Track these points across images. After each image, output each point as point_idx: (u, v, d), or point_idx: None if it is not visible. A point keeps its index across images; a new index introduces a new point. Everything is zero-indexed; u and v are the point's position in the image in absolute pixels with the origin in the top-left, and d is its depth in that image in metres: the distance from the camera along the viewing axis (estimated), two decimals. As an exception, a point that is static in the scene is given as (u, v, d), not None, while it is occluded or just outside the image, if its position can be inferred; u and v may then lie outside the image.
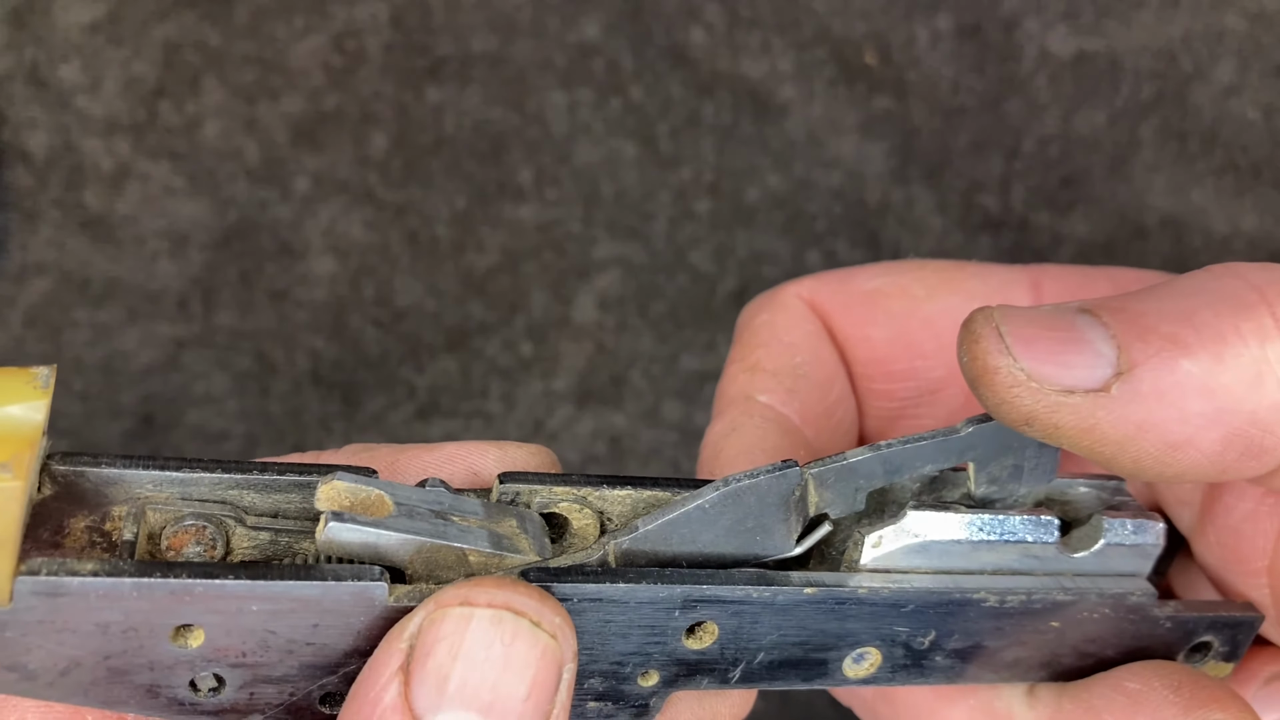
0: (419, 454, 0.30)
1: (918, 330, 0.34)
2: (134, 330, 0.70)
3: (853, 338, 0.35)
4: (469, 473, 0.30)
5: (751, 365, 0.36)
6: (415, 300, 0.70)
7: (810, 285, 0.36)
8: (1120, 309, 0.26)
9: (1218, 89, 0.71)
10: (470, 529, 0.27)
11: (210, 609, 0.24)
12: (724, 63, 0.71)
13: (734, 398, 0.36)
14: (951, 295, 0.34)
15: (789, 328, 0.36)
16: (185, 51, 0.70)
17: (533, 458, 0.31)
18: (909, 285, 0.35)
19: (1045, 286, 0.34)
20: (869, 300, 0.35)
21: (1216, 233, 0.71)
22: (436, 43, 0.71)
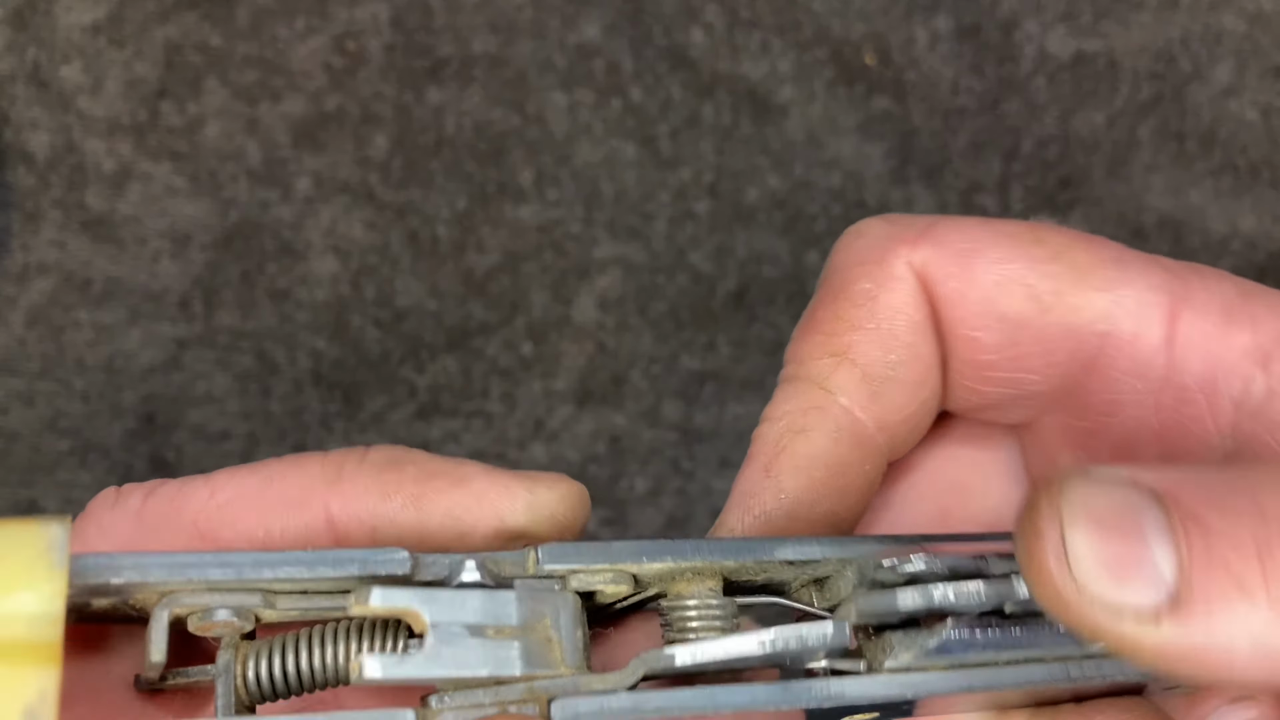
0: (447, 491, 0.29)
1: (1030, 344, 0.31)
2: (135, 330, 0.70)
3: (960, 335, 0.31)
4: (495, 519, 0.29)
5: (840, 350, 0.32)
6: (416, 300, 0.70)
7: (926, 255, 0.31)
8: (1196, 518, 0.24)
9: (1216, 90, 0.71)
10: (503, 643, 0.27)
11: None
12: (724, 64, 0.71)
13: (811, 381, 0.32)
14: (1071, 312, 0.30)
15: (894, 312, 0.31)
16: (187, 52, 0.70)
17: (563, 503, 0.30)
18: (1036, 284, 0.30)
19: (1183, 316, 0.30)
20: (989, 296, 0.31)
21: (1215, 232, 0.71)
22: (437, 44, 0.71)
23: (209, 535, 0.28)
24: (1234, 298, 0.30)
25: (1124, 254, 0.31)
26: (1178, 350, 0.30)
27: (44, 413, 0.69)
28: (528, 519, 0.29)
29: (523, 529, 0.29)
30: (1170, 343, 0.30)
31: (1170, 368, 0.30)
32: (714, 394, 0.71)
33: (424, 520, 0.29)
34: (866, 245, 0.32)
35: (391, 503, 0.28)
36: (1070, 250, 0.30)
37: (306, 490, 0.29)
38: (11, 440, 0.69)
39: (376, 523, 0.28)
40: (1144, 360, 0.30)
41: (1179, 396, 0.30)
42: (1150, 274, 0.30)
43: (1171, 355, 0.30)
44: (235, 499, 0.29)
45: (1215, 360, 0.30)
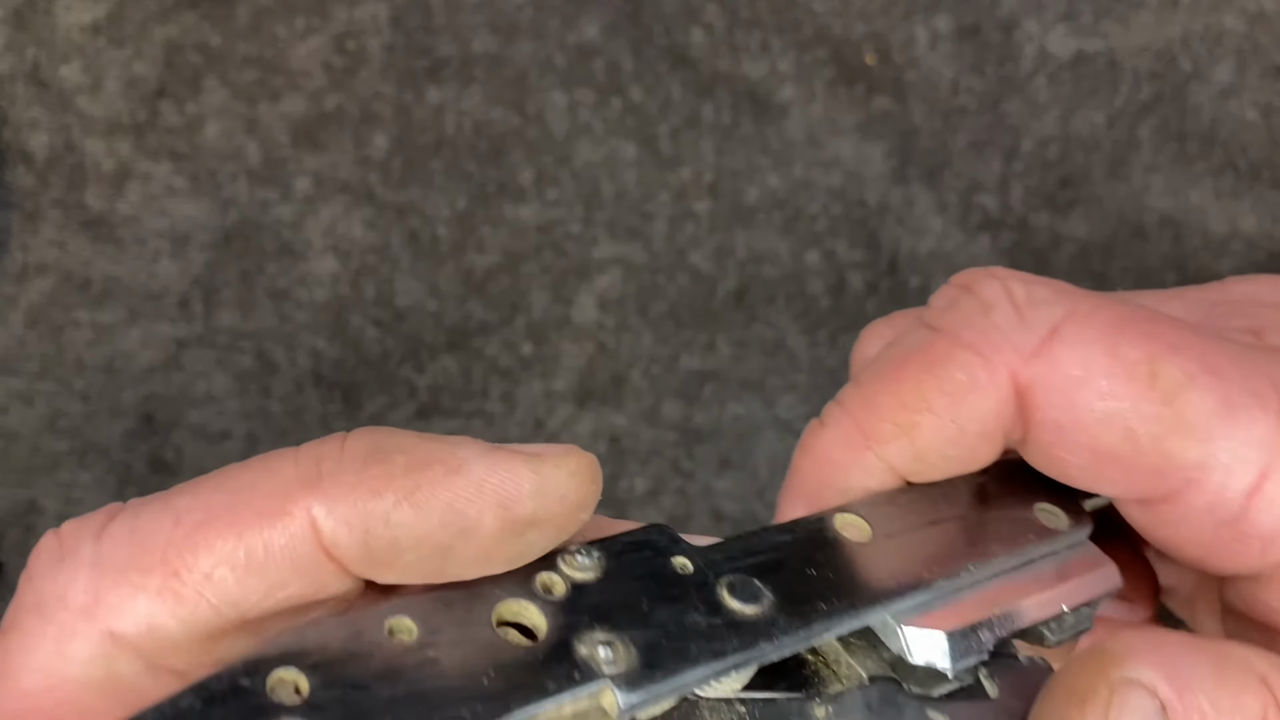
0: (443, 481, 0.26)
1: (1115, 471, 0.31)
2: (135, 330, 0.70)
3: (1047, 453, 0.32)
4: (500, 509, 0.26)
5: (906, 425, 0.31)
6: (416, 300, 0.70)
7: (1035, 375, 0.31)
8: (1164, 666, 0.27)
9: (1217, 89, 0.71)
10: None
11: None
12: (724, 63, 0.71)
13: (867, 435, 0.32)
14: (1164, 458, 0.31)
15: (975, 418, 0.31)
16: (186, 52, 0.70)
17: (573, 480, 0.28)
18: (1137, 427, 0.30)
19: (1273, 476, 0.31)
20: (1087, 430, 0.31)
21: (1215, 233, 0.71)
22: (437, 43, 0.71)
23: (183, 570, 0.25)
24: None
25: (1238, 397, 0.31)
26: (1255, 504, 0.31)
27: (43, 412, 0.69)
28: (535, 506, 0.27)
29: (529, 514, 0.26)
30: (1251, 496, 0.31)
31: (1242, 518, 0.31)
32: (714, 394, 0.71)
33: (420, 522, 0.25)
34: (979, 329, 0.32)
35: (382, 501, 0.25)
36: (1183, 394, 0.30)
37: (282, 497, 0.25)
38: (11, 440, 0.69)
39: (368, 525, 0.25)
40: (1220, 506, 0.31)
41: (1238, 536, 0.31)
42: (1258, 424, 0.31)
43: (1248, 507, 0.31)
44: (204, 521, 0.25)
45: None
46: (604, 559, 0.28)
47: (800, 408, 0.70)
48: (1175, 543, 0.33)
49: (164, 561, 0.25)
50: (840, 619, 0.29)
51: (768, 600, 0.28)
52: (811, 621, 0.28)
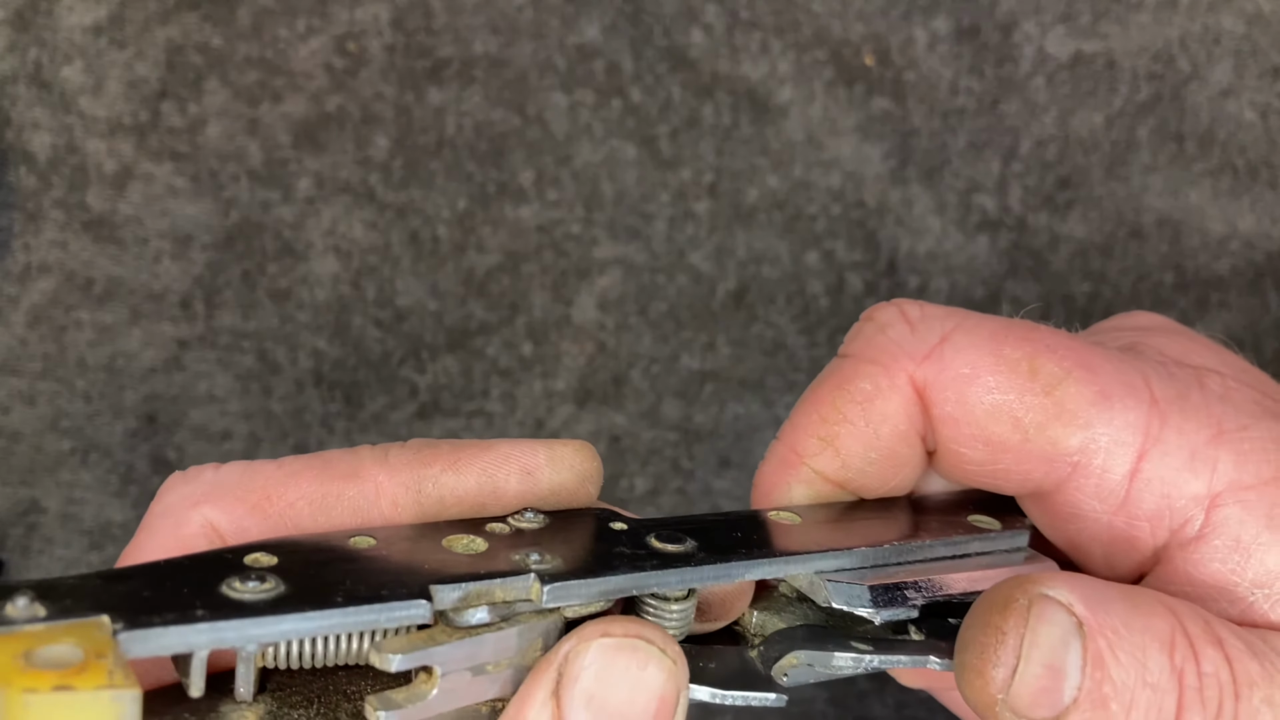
0: (478, 455, 0.33)
1: (1009, 462, 0.35)
2: (137, 330, 0.70)
3: (948, 447, 0.35)
4: (523, 473, 0.33)
5: (828, 437, 0.36)
6: (416, 300, 0.70)
7: (928, 374, 0.34)
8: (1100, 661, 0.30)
9: (1215, 90, 0.71)
10: (499, 674, 0.30)
11: None
12: (723, 64, 0.71)
13: (798, 452, 0.36)
14: (1049, 444, 0.34)
15: (883, 418, 0.35)
16: (188, 53, 0.71)
17: (578, 454, 0.34)
18: (1023, 416, 0.34)
19: (1149, 457, 0.34)
20: (978, 421, 0.34)
21: (1214, 233, 0.71)
22: (438, 44, 0.71)
23: (275, 496, 0.31)
24: (1204, 442, 0.34)
25: (1113, 388, 0.34)
26: (1136, 485, 0.34)
27: (45, 412, 0.69)
28: (551, 472, 0.33)
29: (548, 481, 0.33)
30: (1132, 477, 0.34)
31: (1127, 499, 0.34)
32: (714, 394, 0.71)
33: (460, 482, 0.32)
34: (878, 345, 0.36)
35: (431, 468, 0.32)
36: (1062, 384, 0.34)
37: (358, 466, 0.32)
38: (13, 440, 0.69)
39: (420, 485, 0.32)
40: (1106, 490, 0.34)
41: (1128, 520, 0.34)
42: (1131, 411, 0.34)
43: (1130, 489, 0.34)
44: (299, 471, 0.32)
45: (1166, 501, 0.34)
46: (548, 519, 0.33)
47: (800, 407, 0.70)
48: (1079, 542, 0.36)
49: (263, 488, 0.32)
50: (759, 563, 0.32)
51: (690, 543, 0.32)
52: (730, 559, 0.32)
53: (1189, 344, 0.37)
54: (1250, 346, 0.71)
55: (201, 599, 0.26)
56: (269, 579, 0.27)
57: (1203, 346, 0.38)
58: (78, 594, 0.25)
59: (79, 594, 0.25)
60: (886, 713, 0.69)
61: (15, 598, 0.23)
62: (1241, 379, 0.36)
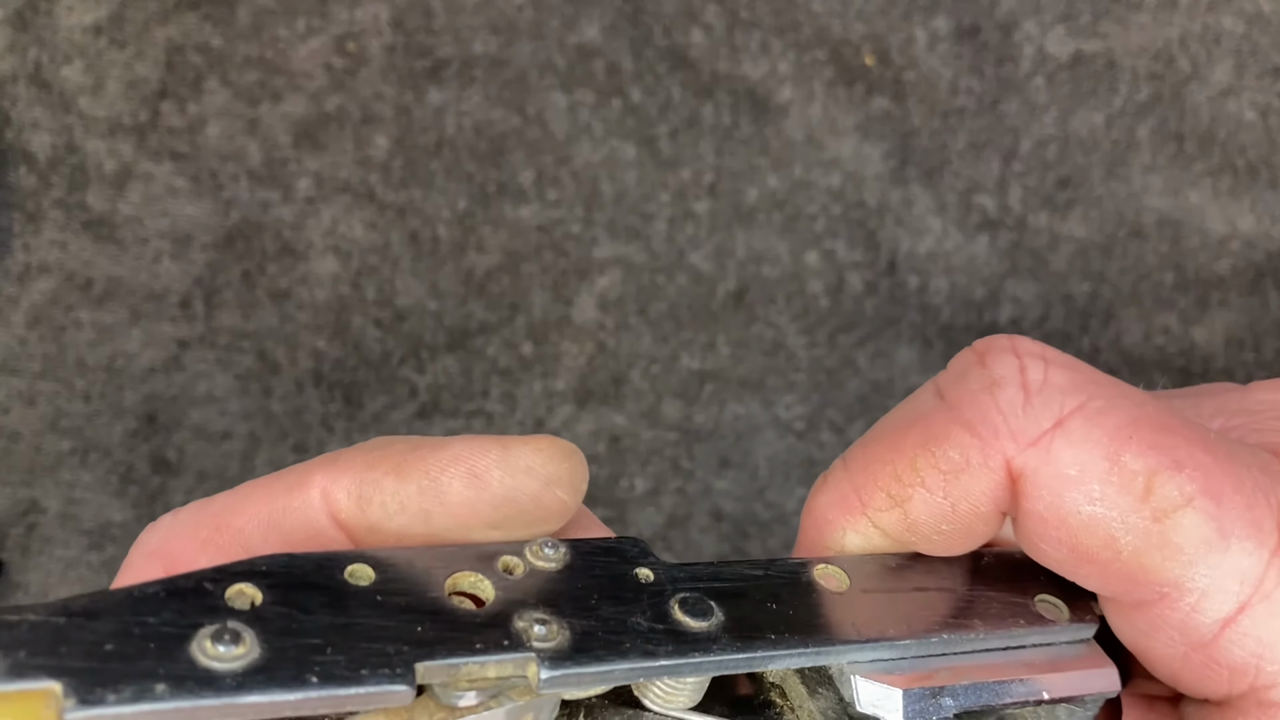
0: (426, 456, 0.30)
1: (1090, 570, 0.31)
2: (136, 330, 0.70)
3: (1030, 541, 0.33)
4: (468, 476, 0.30)
5: (900, 498, 0.32)
6: (416, 300, 0.70)
7: (1030, 464, 0.31)
8: None
9: (1215, 90, 0.71)
10: None
11: None
12: (723, 64, 0.71)
13: (863, 502, 0.33)
14: (1141, 570, 0.31)
15: (967, 496, 0.32)
16: (188, 53, 0.71)
17: (538, 455, 0.31)
18: (1120, 537, 0.31)
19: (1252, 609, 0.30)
20: (1071, 528, 0.31)
21: (1214, 232, 0.71)
22: (438, 44, 0.71)
23: (222, 527, 0.30)
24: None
25: (1235, 526, 0.30)
26: (1227, 634, 0.30)
27: (45, 412, 0.69)
28: (502, 475, 0.30)
29: (500, 486, 0.30)
30: (1224, 625, 0.30)
31: (1213, 644, 0.31)
32: (714, 394, 0.71)
33: (402, 488, 0.29)
34: (981, 410, 0.32)
35: (374, 471, 0.30)
36: (1176, 514, 0.30)
37: (305, 473, 0.30)
38: (13, 440, 0.69)
39: (362, 491, 0.29)
40: (1191, 629, 0.31)
41: (1207, 661, 0.31)
42: (1249, 558, 0.30)
43: (1219, 635, 0.30)
44: (251, 490, 0.31)
45: (1257, 661, 0.30)
46: (570, 554, 0.30)
47: (799, 407, 0.70)
48: (1148, 652, 0.32)
49: (212, 520, 0.31)
50: (786, 652, 0.29)
51: (716, 620, 0.29)
52: (754, 647, 0.29)
53: None
54: (1250, 346, 0.71)
55: (167, 663, 0.24)
56: (244, 638, 0.25)
57: None
58: (36, 639, 0.23)
59: (37, 640, 0.23)
60: (886, 713, 0.69)
61: None
62: None
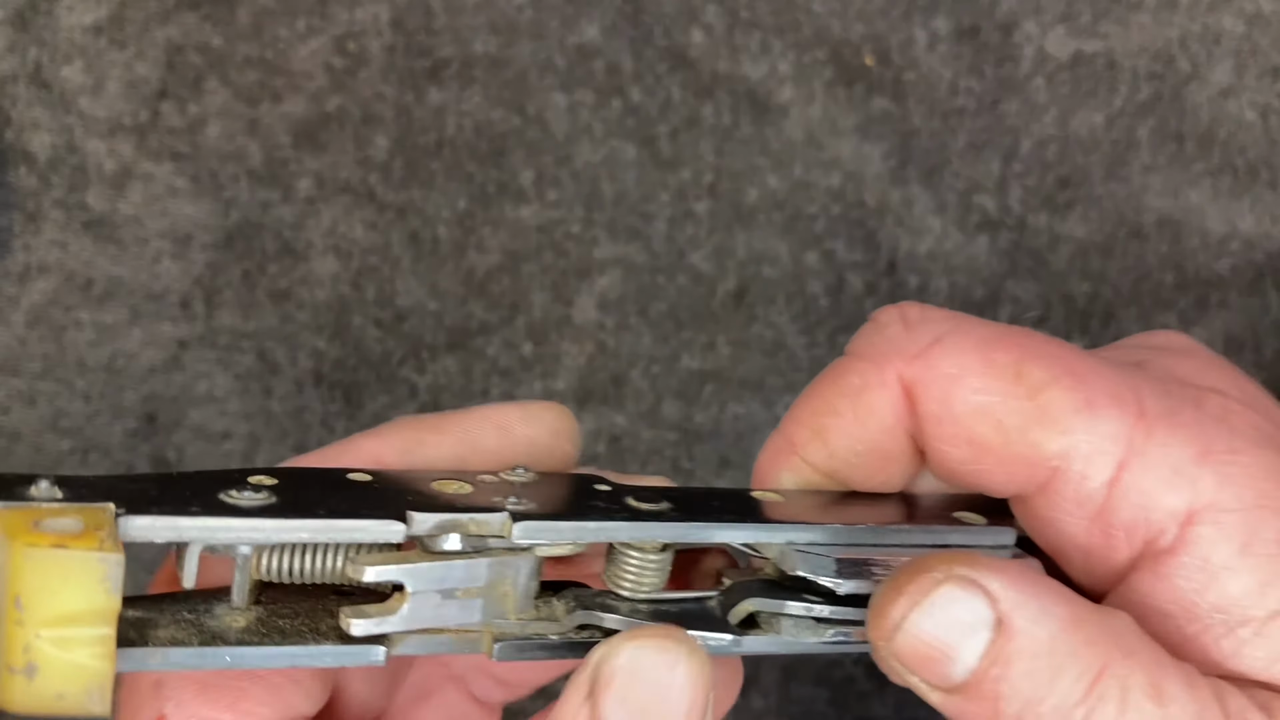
0: (460, 416, 0.36)
1: (991, 463, 0.35)
2: (136, 330, 0.70)
3: (933, 446, 0.36)
4: (498, 428, 0.36)
5: (818, 429, 0.37)
6: (417, 300, 0.70)
7: (916, 373, 0.36)
8: (1008, 663, 0.30)
9: (1215, 90, 0.71)
10: (469, 602, 0.32)
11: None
12: (723, 64, 0.71)
13: (791, 441, 0.38)
14: (1030, 448, 0.35)
15: (873, 413, 0.37)
16: (188, 53, 0.71)
17: (549, 412, 0.37)
18: (1005, 419, 0.35)
19: (1130, 468, 0.34)
20: (961, 422, 0.35)
21: (1214, 233, 0.71)
22: (438, 44, 0.71)
23: None
24: (1190, 460, 0.34)
25: (1099, 397, 0.35)
26: (1114, 494, 0.34)
27: (45, 413, 0.69)
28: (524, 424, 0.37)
29: (523, 435, 0.36)
30: (1111, 486, 0.34)
31: (1105, 507, 0.35)
32: (714, 394, 0.71)
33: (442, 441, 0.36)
34: (874, 344, 0.37)
35: (416, 432, 0.36)
36: (1046, 390, 0.35)
37: (352, 441, 0.36)
38: (13, 440, 0.69)
39: (406, 446, 0.36)
40: (1084, 495, 0.35)
41: (1105, 529, 0.35)
42: (1115, 422, 0.34)
43: (1109, 497, 0.34)
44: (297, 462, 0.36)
45: (1144, 513, 0.34)
46: (537, 476, 0.35)
47: (800, 407, 0.70)
48: (1059, 546, 0.36)
49: None
50: (730, 526, 0.34)
51: (667, 505, 0.34)
52: (702, 519, 0.34)
53: (1202, 365, 0.38)
54: (1250, 346, 0.71)
55: (200, 500, 0.29)
56: (264, 492, 0.30)
57: (1216, 369, 0.38)
58: (93, 486, 0.29)
59: (94, 486, 0.29)
60: (886, 712, 0.69)
61: (39, 481, 0.28)
62: (1248, 404, 0.36)
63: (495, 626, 0.32)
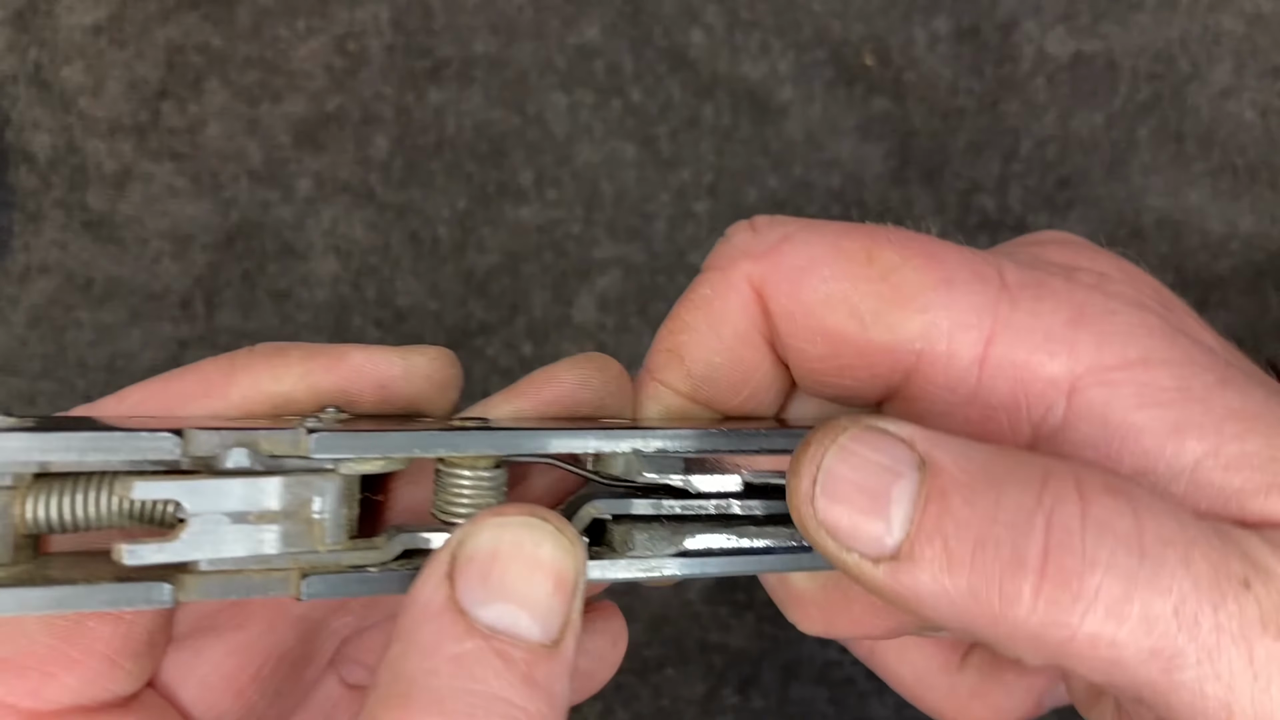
0: (331, 368, 0.32)
1: (851, 356, 0.33)
2: (136, 330, 0.70)
3: (790, 346, 0.34)
4: (375, 386, 0.32)
5: (674, 347, 0.35)
6: (416, 300, 0.70)
7: (764, 271, 0.34)
8: (943, 496, 0.27)
9: (1215, 90, 0.71)
10: (262, 527, 0.28)
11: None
12: (723, 64, 0.71)
13: (651, 372, 0.36)
14: (888, 331, 0.32)
15: (722, 320, 0.35)
16: (188, 53, 0.71)
17: (434, 363, 0.33)
18: (859, 303, 0.32)
19: (999, 340, 0.32)
20: (814, 313, 0.33)
21: (1214, 233, 0.71)
22: (438, 44, 0.71)
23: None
24: (1062, 324, 0.31)
25: (957, 273, 0.32)
26: (987, 372, 0.32)
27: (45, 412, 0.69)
28: (405, 382, 0.33)
29: (404, 394, 0.33)
30: (982, 364, 0.32)
31: (979, 386, 0.32)
32: (714, 394, 0.71)
33: (316, 396, 0.32)
34: (723, 253, 0.36)
35: (282, 384, 0.32)
36: (899, 270, 0.32)
37: (206, 384, 0.31)
38: (13, 440, 0.69)
39: (274, 402, 0.31)
40: (955, 378, 0.32)
41: (984, 413, 0.32)
42: (976, 295, 0.32)
43: (981, 376, 0.32)
44: (142, 400, 0.31)
45: (1022, 386, 0.32)
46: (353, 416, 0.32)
47: (800, 407, 0.70)
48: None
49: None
50: (567, 435, 0.31)
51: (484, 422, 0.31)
52: (533, 429, 0.31)
53: (1077, 250, 0.36)
54: (1250, 347, 0.71)
55: None
56: (31, 420, 0.27)
57: (1093, 253, 0.36)
58: None
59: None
60: (886, 713, 0.69)
61: None
62: (1128, 281, 0.34)
63: (304, 561, 0.29)
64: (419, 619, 0.26)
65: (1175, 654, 0.26)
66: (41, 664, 0.29)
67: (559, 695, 0.26)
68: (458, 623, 0.26)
